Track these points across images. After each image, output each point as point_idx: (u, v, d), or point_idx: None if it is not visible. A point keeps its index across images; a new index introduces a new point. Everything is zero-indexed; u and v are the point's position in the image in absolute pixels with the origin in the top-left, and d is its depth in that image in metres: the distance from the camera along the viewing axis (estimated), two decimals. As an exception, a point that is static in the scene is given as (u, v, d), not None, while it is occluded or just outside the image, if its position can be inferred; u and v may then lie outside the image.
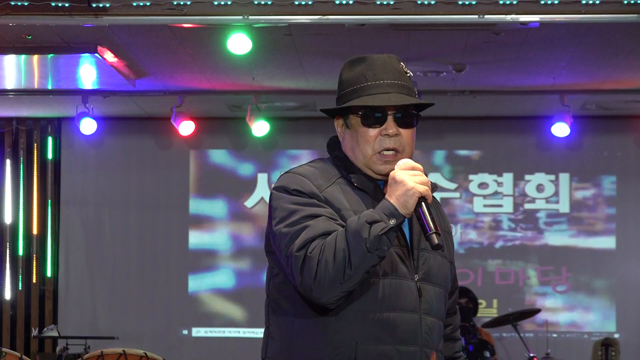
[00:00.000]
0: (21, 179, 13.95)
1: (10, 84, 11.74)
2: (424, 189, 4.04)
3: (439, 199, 12.59)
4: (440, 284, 4.55)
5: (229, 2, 8.59)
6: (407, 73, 4.56)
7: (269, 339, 4.44)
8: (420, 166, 4.14)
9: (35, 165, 13.93)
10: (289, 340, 4.41)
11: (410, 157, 4.37)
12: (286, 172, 4.51)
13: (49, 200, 13.90)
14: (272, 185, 4.49)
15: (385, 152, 4.37)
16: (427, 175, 4.16)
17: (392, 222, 3.99)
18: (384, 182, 4.48)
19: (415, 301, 4.47)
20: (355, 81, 4.54)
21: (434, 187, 4.50)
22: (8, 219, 13.90)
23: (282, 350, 4.39)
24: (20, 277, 13.83)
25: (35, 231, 13.90)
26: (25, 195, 13.93)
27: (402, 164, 4.16)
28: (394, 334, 4.48)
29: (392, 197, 4.08)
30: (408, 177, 4.05)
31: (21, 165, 13.94)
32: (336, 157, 4.61)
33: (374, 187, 4.51)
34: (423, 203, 4.07)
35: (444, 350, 4.62)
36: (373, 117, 4.44)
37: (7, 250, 13.81)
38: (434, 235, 4.00)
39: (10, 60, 10.52)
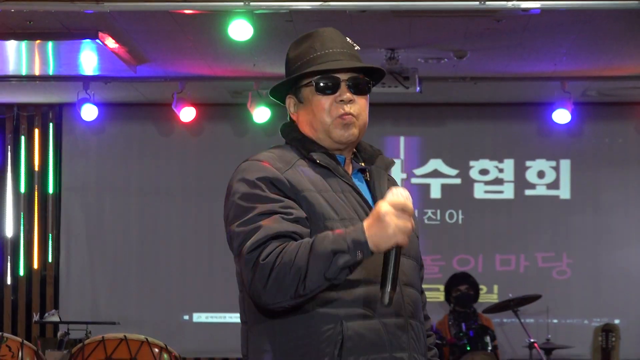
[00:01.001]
0: (22, 165, 13.97)
1: (11, 70, 11.75)
2: (402, 239, 3.84)
3: (440, 185, 12.36)
4: (413, 257, 4.57)
5: (225, -7, 8.63)
6: (354, 45, 4.57)
7: (249, 334, 4.41)
8: (411, 206, 3.90)
9: (36, 151, 13.94)
10: (271, 332, 4.40)
11: (365, 126, 4.44)
12: (245, 161, 4.45)
13: (49, 188, 13.91)
14: (231, 176, 4.44)
15: (345, 118, 4.39)
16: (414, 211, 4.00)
17: (359, 256, 3.89)
18: (345, 157, 4.54)
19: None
20: (304, 54, 4.57)
21: (389, 164, 4.66)
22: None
23: (265, 343, 4.36)
24: (21, 262, 13.88)
25: (36, 219, 13.93)
26: (27, 182, 13.95)
27: (395, 198, 3.93)
28: (377, 307, 4.52)
29: (369, 231, 3.91)
30: (393, 221, 3.86)
31: (22, 151, 13.95)
32: (293, 139, 4.60)
33: (335, 164, 4.48)
34: (394, 252, 3.95)
35: None
36: (326, 84, 4.45)
37: (9, 236, 13.79)
38: (387, 295, 3.88)
39: (12, 46, 10.53)
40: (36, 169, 13.93)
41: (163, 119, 13.45)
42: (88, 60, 11.12)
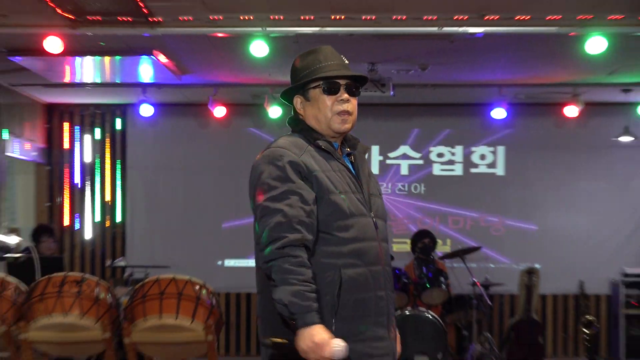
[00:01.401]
0: (97, 151, 13.93)
1: (89, 78, 11.73)
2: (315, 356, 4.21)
3: (407, 165, 12.08)
4: (382, 218, 4.76)
5: (251, 18, 8.55)
6: (345, 59, 4.73)
7: (263, 300, 4.56)
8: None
9: (107, 140, 13.90)
10: None
11: (355, 121, 4.69)
12: (268, 148, 4.62)
13: (118, 166, 13.87)
14: (257, 160, 4.61)
15: (343, 115, 4.58)
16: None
17: (293, 324, 4.26)
18: (338, 143, 4.73)
19: (373, 232, 4.62)
20: (311, 65, 4.66)
21: (366, 149, 4.95)
22: (91, 193, 13.95)
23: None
24: (98, 222, 13.88)
25: (108, 188, 13.89)
26: (100, 161, 13.90)
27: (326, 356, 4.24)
28: (365, 258, 4.53)
29: (305, 332, 4.24)
30: (313, 343, 4.21)
31: (97, 139, 13.91)
32: (301, 129, 4.72)
33: (333, 149, 4.67)
34: None
35: None
36: (330, 87, 4.59)
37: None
38: None
39: (89, 60, 10.47)
40: (107, 155, 13.90)
41: (201, 115, 13.42)
42: (145, 71, 11.08)
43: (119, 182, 13.89)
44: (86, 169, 13.90)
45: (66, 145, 13.87)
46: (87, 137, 13.88)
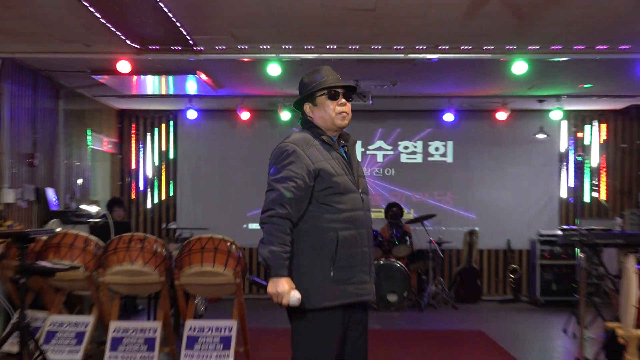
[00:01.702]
0: (155, 145, 13.91)
1: (150, 90, 11.70)
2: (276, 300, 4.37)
3: (382, 155, 11.98)
4: (367, 194, 4.80)
5: (268, 47, 8.56)
6: (339, 77, 4.75)
7: (298, 243, 4.53)
8: (284, 300, 4.36)
9: (163, 137, 13.88)
10: (300, 239, 4.54)
11: (349, 120, 4.70)
12: (282, 142, 4.64)
13: (170, 156, 13.88)
14: (274, 150, 4.66)
15: (342, 114, 4.62)
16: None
17: (270, 269, 4.37)
18: (336, 137, 4.72)
19: (360, 204, 4.70)
20: (316, 80, 4.71)
21: (354, 141, 4.93)
22: (151, 175, 13.97)
23: (295, 247, 4.49)
24: (156, 196, 13.89)
25: (163, 173, 13.89)
26: (158, 153, 13.91)
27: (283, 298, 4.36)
28: (355, 223, 4.62)
29: (272, 281, 4.37)
30: (275, 295, 4.36)
31: (155, 137, 13.89)
32: (310, 127, 4.73)
33: (332, 142, 4.67)
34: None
35: None
36: (333, 94, 4.64)
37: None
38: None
39: (150, 78, 10.47)
40: (163, 147, 13.88)
41: (231, 118, 13.34)
42: (191, 85, 11.05)
43: (171, 168, 13.87)
44: (147, 157, 13.90)
45: (132, 140, 13.88)
46: (148, 135, 13.87)
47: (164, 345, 7.90)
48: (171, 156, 13.91)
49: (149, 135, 13.91)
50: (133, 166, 13.89)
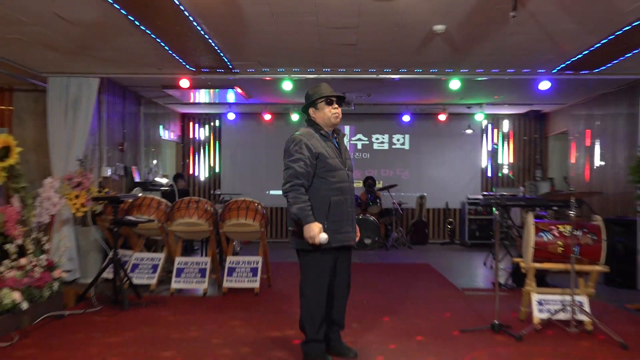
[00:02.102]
0: (206, 136, 13.77)
1: (202, 99, 11.62)
2: (311, 240, 4.33)
3: (361, 144, 11.74)
4: (352, 170, 4.70)
5: (283, 70, 8.46)
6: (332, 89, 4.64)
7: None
8: (316, 239, 4.33)
9: (211, 132, 13.75)
10: (311, 200, 4.48)
11: (340, 117, 4.60)
12: (293, 135, 4.58)
13: (217, 146, 13.75)
14: (287, 141, 4.57)
15: (335, 114, 4.54)
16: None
17: (302, 220, 4.34)
18: (330, 132, 4.60)
19: (346, 178, 4.72)
20: (318, 91, 4.60)
21: (343, 135, 4.77)
22: (204, 158, 13.78)
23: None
24: (208, 172, 13.78)
25: (213, 157, 13.75)
26: (207, 144, 13.75)
27: (316, 239, 4.33)
28: (342, 191, 4.58)
29: (307, 227, 4.33)
30: (310, 237, 4.33)
31: (206, 131, 13.75)
32: (313, 125, 4.65)
33: (328, 135, 4.56)
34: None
35: None
36: (330, 101, 4.56)
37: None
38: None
39: (202, 91, 10.40)
40: (211, 140, 13.73)
41: (258, 119, 13.17)
42: (230, 96, 10.98)
43: (217, 154, 13.73)
44: (202, 145, 13.78)
45: (190, 133, 13.75)
46: (202, 130, 13.74)
47: (212, 273, 7.90)
48: (217, 144, 13.77)
49: (201, 130, 13.76)
50: (192, 151, 13.77)
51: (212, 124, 13.77)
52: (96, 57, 7.58)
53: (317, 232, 4.29)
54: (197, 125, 13.78)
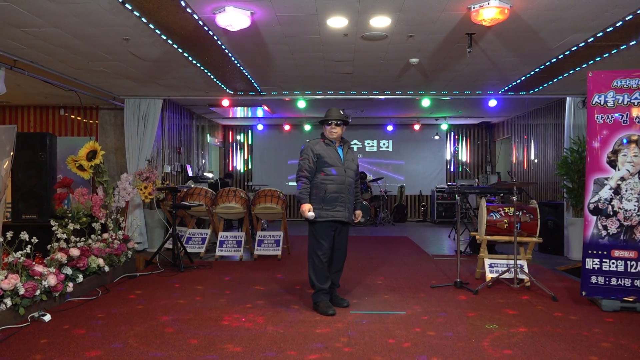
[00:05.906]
0: (241, 142, 13.67)
1: (238, 115, 11.57)
2: (304, 215, 4.26)
3: (356, 147, 11.43)
4: (352, 169, 4.52)
5: (298, 92, 8.40)
6: (341, 112, 4.49)
7: (311, 193, 4.45)
8: (307, 215, 4.28)
9: (245, 140, 13.67)
10: (312, 188, 4.42)
11: (341, 135, 4.44)
12: (307, 142, 4.54)
13: (250, 149, 13.68)
14: (302, 148, 4.49)
15: (332, 132, 4.42)
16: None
17: (300, 201, 4.31)
18: (335, 142, 4.48)
19: (342, 172, 4.56)
20: (326, 115, 4.48)
21: (349, 143, 4.61)
22: (239, 158, 13.70)
23: (313, 194, 4.39)
24: (243, 168, 13.68)
25: (247, 157, 13.63)
26: (240, 151, 13.65)
27: (307, 214, 4.27)
28: (336, 182, 4.50)
29: (301, 207, 4.28)
30: (302, 211, 4.25)
31: (242, 138, 13.65)
32: (322, 136, 4.54)
33: (332, 143, 4.46)
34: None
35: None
36: (330, 123, 4.46)
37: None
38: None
39: (239, 108, 10.35)
40: (245, 144, 13.63)
41: (280, 129, 13.11)
42: (259, 112, 10.92)
43: (250, 158, 13.62)
44: (240, 149, 13.69)
45: (230, 140, 13.69)
46: (238, 137, 13.65)
47: (246, 244, 7.88)
48: (249, 148, 13.71)
49: (238, 137, 13.70)
50: (230, 154, 13.71)
51: (245, 132, 13.70)
52: (160, 84, 7.58)
53: (305, 210, 4.33)
54: (235, 133, 13.72)
